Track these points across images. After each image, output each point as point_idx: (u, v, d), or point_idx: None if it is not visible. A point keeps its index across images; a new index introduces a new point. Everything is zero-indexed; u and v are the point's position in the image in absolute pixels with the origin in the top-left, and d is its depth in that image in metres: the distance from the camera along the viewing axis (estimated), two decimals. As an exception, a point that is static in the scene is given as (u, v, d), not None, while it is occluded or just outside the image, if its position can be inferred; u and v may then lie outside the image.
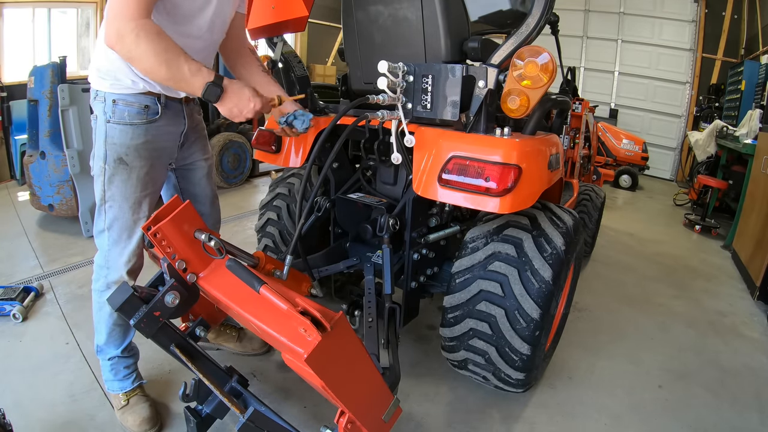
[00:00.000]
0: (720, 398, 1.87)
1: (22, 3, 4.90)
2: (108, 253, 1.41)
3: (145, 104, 1.34)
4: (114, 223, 1.38)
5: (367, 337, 1.37)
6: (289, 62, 1.81)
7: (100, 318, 1.47)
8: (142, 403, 1.52)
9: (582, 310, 2.54)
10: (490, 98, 1.40)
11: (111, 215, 1.38)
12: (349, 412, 1.01)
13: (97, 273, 1.45)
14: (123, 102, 1.32)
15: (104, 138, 1.34)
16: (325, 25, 8.45)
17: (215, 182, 1.76)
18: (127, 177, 1.36)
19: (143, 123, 1.34)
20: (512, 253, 1.44)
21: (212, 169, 1.71)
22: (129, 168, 1.35)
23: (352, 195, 1.82)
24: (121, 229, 1.39)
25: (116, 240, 1.40)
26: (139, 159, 1.36)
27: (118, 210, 1.37)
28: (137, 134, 1.34)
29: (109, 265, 1.42)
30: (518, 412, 1.71)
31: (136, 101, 1.33)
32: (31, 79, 3.26)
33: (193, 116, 1.54)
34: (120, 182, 1.35)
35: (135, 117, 1.33)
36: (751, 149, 3.58)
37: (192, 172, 1.63)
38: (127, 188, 1.36)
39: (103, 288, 1.43)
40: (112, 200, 1.37)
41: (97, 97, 1.34)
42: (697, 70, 7.02)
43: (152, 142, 1.38)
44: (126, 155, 1.34)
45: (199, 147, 1.62)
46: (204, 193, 1.68)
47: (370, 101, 1.34)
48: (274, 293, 0.95)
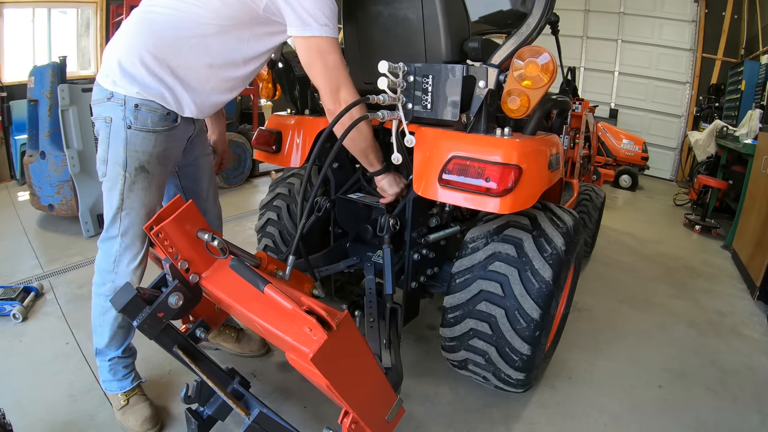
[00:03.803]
0: (720, 398, 1.87)
1: (22, 3, 4.90)
2: (118, 258, 1.39)
3: (167, 111, 1.31)
4: (129, 229, 1.37)
5: (369, 337, 1.37)
6: (289, 62, 1.81)
7: (103, 321, 1.45)
8: (142, 402, 1.52)
9: (582, 310, 2.54)
10: (491, 98, 1.40)
11: (127, 222, 1.36)
12: (353, 412, 1.01)
13: (102, 278, 1.42)
14: (146, 108, 1.27)
15: (124, 145, 1.29)
16: (325, 25, 8.43)
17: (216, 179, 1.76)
18: (148, 185, 1.34)
19: (165, 130, 1.32)
20: (512, 253, 1.44)
21: (212, 166, 1.71)
22: (150, 176, 1.34)
23: (353, 195, 1.82)
24: (135, 236, 1.38)
25: (129, 246, 1.38)
26: (159, 166, 1.36)
27: (135, 217, 1.36)
28: (159, 142, 1.32)
29: (118, 270, 1.40)
30: (518, 412, 1.71)
31: (159, 108, 1.30)
32: (31, 79, 3.26)
33: (201, 120, 1.54)
34: (140, 190, 1.34)
35: (158, 124, 1.31)
36: (751, 149, 3.58)
37: (194, 169, 1.63)
38: (147, 196, 1.35)
39: (108, 292, 1.40)
40: (130, 208, 1.35)
41: (112, 99, 1.27)
42: (697, 70, 7.02)
43: (169, 149, 1.37)
44: (148, 163, 1.32)
45: (200, 143, 1.61)
46: (204, 189, 1.67)
47: (370, 101, 1.34)
48: (279, 292, 0.95)
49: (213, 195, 1.72)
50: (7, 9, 4.72)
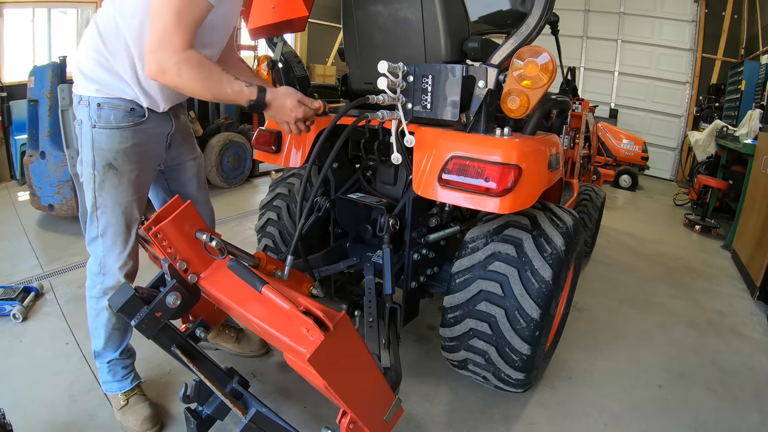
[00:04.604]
0: (720, 398, 1.87)
1: (22, 3, 4.90)
2: (103, 259, 1.40)
3: (130, 107, 1.33)
4: (107, 229, 1.38)
5: (368, 337, 1.37)
6: (289, 62, 1.81)
7: (97, 324, 1.46)
8: (142, 402, 1.52)
9: (582, 310, 2.54)
10: (490, 98, 1.40)
11: (104, 221, 1.37)
12: (351, 413, 1.01)
13: (92, 280, 1.44)
14: (108, 105, 1.30)
15: (91, 144, 1.32)
16: (325, 25, 8.45)
17: (206, 181, 1.75)
18: (118, 182, 1.35)
19: (130, 126, 1.33)
20: (512, 253, 1.44)
21: (201, 169, 1.70)
22: (119, 173, 1.34)
23: (352, 195, 1.82)
24: (115, 235, 1.39)
25: (111, 246, 1.39)
26: (129, 163, 1.35)
27: (110, 216, 1.37)
28: (124, 138, 1.33)
29: (105, 271, 1.41)
30: (518, 412, 1.71)
31: (122, 104, 1.31)
32: (31, 79, 3.26)
33: (179, 117, 1.53)
34: (111, 188, 1.35)
35: (121, 120, 1.32)
36: (751, 149, 3.58)
37: (181, 173, 1.63)
38: (119, 193, 1.36)
39: (99, 295, 1.42)
40: (104, 206, 1.36)
41: (80, 102, 1.32)
42: (697, 70, 7.03)
43: (141, 146, 1.37)
44: (115, 160, 1.33)
45: (187, 146, 1.61)
46: (194, 193, 1.66)
47: (370, 101, 1.34)
48: (276, 293, 0.95)
49: (203, 198, 1.71)
50: (7, 9, 4.72)
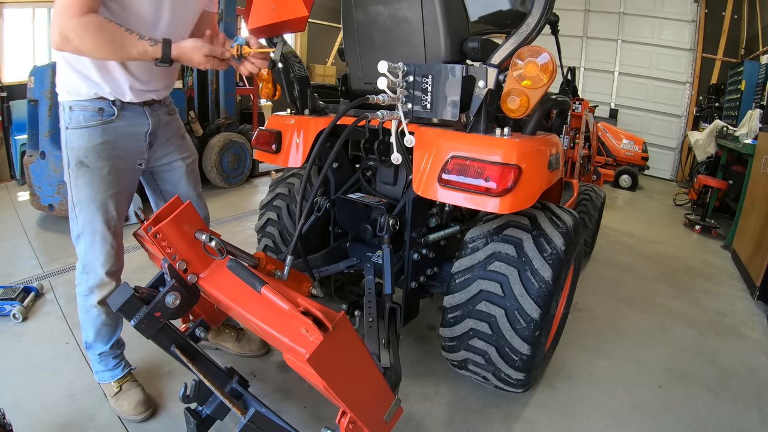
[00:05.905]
0: (720, 398, 1.87)
1: (22, 3, 4.90)
2: (85, 257, 1.44)
3: (99, 107, 1.36)
4: (85, 226, 1.41)
5: (368, 337, 1.37)
6: (289, 62, 1.81)
7: (86, 319, 1.51)
8: (135, 387, 1.57)
9: (582, 310, 2.54)
10: (490, 98, 1.40)
11: (82, 219, 1.40)
12: (350, 413, 1.01)
13: (78, 278, 1.48)
14: (78, 107, 1.35)
15: (65, 145, 1.38)
16: (325, 25, 8.46)
17: (199, 181, 1.75)
18: (90, 179, 1.37)
19: (99, 124, 1.36)
20: (512, 253, 1.44)
21: (192, 169, 1.70)
22: (90, 170, 1.37)
23: (352, 195, 1.82)
24: (93, 232, 1.41)
25: (90, 243, 1.42)
26: (99, 160, 1.37)
27: (87, 212, 1.40)
28: (93, 136, 1.36)
29: (88, 269, 1.44)
30: (518, 412, 1.71)
31: (90, 105, 1.35)
32: (31, 79, 3.26)
33: (158, 116, 1.51)
34: (83, 185, 1.37)
35: (90, 119, 1.36)
36: (751, 149, 3.58)
37: (169, 173, 1.63)
38: (91, 190, 1.38)
39: (86, 292, 1.46)
40: (80, 204, 1.39)
41: (60, 107, 1.39)
42: (697, 70, 7.02)
43: (111, 143, 1.39)
44: (85, 158, 1.36)
45: (175, 147, 1.61)
46: (184, 194, 1.65)
47: (370, 101, 1.34)
48: (276, 293, 0.95)
49: (196, 198, 1.71)
50: (7, 9, 4.72)
